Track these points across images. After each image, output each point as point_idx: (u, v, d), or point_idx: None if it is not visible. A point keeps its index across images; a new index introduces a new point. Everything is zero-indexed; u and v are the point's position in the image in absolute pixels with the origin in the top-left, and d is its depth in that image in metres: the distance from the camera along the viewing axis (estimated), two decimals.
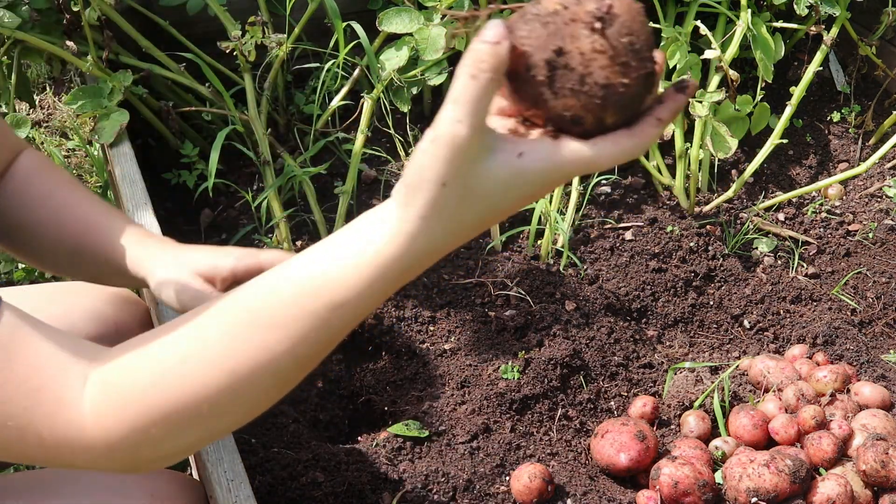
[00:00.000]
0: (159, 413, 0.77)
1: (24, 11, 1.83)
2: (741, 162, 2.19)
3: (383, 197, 2.01)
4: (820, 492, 1.40)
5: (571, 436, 1.58)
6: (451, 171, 0.69)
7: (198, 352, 0.76)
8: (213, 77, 1.91)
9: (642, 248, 1.92)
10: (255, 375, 0.76)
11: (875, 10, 2.31)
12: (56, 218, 1.21)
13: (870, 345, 1.81)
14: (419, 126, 2.16)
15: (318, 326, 0.74)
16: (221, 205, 2.00)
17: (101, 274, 1.24)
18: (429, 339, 1.73)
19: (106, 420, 0.78)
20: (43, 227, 1.21)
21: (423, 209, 0.69)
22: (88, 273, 1.25)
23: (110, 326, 1.37)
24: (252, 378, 0.76)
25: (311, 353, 0.76)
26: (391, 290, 0.74)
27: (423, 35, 1.86)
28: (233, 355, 0.75)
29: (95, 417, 0.78)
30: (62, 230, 1.21)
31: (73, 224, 1.22)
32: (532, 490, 1.41)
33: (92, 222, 1.22)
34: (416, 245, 0.71)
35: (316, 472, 1.42)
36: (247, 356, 0.75)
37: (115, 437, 0.78)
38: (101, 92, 1.83)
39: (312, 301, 0.73)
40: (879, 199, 2.14)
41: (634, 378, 1.71)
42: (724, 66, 1.95)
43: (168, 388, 0.77)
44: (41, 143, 2.61)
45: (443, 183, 0.69)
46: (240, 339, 0.75)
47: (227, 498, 1.12)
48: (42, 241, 1.22)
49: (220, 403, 0.77)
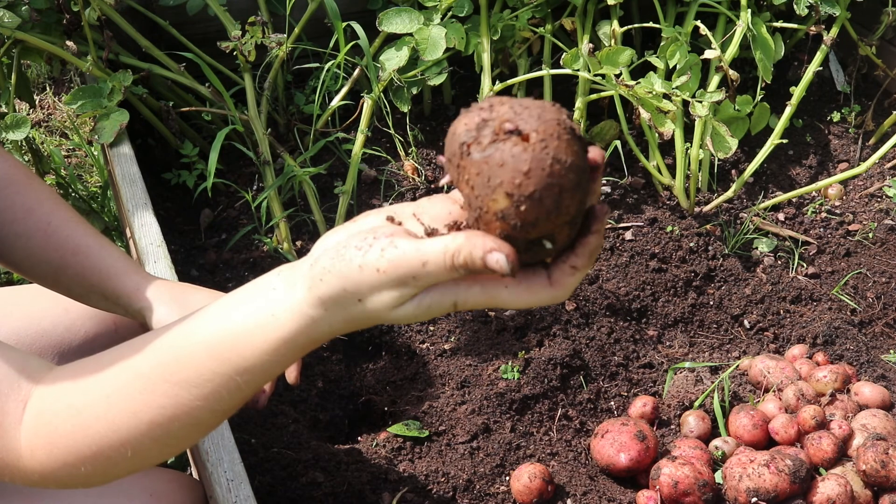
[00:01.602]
0: (86, 453, 0.81)
1: (24, 11, 1.83)
2: (741, 162, 2.19)
3: (383, 197, 2.01)
4: (820, 492, 1.40)
5: (571, 436, 1.58)
6: (369, 293, 0.70)
7: (121, 400, 0.80)
8: (213, 77, 1.91)
9: (642, 248, 1.92)
10: (173, 425, 0.79)
11: (875, 10, 2.31)
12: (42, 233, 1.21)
13: (870, 345, 1.81)
14: (419, 126, 2.16)
15: (230, 387, 0.77)
16: (221, 205, 2.00)
17: (88, 296, 1.24)
18: (429, 339, 1.73)
19: (38, 454, 0.82)
20: (25, 240, 1.21)
21: (328, 301, 0.71)
22: (74, 293, 1.25)
23: (109, 325, 1.37)
24: (171, 427, 0.79)
25: (226, 407, 0.79)
26: (298, 356, 0.76)
27: (422, 35, 1.86)
28: (152, 406, 0.79)
29: (29, 450, 0.82)
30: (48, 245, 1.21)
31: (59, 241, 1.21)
32: (532, 490, 1.41)
33: (81, 244, 1.22)
34: (316, 328, 0.73)
35: (316, 472, 1.42)
36: (163, 409, 0.79)
37: (47, 471, 0.82)
38: (101, 92, 1.83)
39: (221, 365, 0.76)
40: (879, 199, 2.14)
41: (634, 378, 1.71)
42: (724, 66, 1.95)
43: (94, 432, 0.80)
44: (41, 143, 2.61)
45: (358, 299, 0.70)
46: (157, 392, 0.78)
47: (227, 498, 1.12)
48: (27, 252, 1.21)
49: (144, 447, 0.80)
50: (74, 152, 2.66)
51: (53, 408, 0.82)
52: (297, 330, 0.73)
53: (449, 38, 1.87)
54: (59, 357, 1.33)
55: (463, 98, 2.28)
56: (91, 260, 1.21)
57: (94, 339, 1.36)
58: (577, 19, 2.08)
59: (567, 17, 2.09)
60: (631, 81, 1.78)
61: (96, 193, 2.38)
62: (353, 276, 0.69)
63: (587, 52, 1.73)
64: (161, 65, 1.98)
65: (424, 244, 0.68)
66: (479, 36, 1.96)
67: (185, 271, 1.80)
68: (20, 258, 1.22)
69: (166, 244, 1.51)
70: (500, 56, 2.12)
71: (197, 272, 1.83)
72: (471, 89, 2.26)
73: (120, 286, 1.21)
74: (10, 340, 1.31)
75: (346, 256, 0.69)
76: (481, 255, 0.65)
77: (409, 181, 2.05)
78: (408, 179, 2.05)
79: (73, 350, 1.34)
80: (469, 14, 1.99)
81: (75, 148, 2.64)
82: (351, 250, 0.69)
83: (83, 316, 1.36)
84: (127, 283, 1.21)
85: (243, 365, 0.75)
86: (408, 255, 0.67)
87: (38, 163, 2.11)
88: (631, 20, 2.22)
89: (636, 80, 1.78)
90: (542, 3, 2.06)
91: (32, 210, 1.22)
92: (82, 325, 1.36)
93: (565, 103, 2.12)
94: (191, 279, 1.78)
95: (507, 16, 2.02)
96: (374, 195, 2.02)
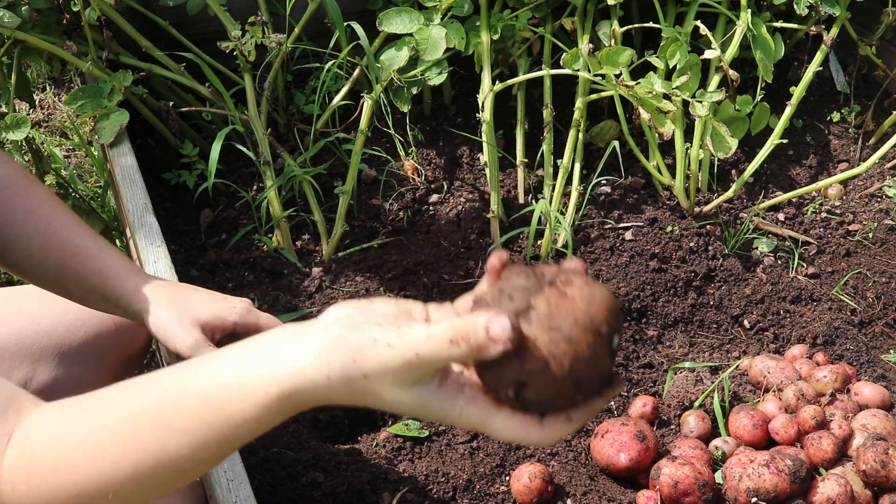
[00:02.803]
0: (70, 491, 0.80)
1: (24, 11, 1.83)
2: (741, 162, 2.19)
3: (383, 197, 2.01)
4: (820, 492, 1.40)
5: (571, 436, 1.58)
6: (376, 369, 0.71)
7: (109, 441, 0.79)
8: (213, 77, 1.91)
9: (642, 248, 1.92)
10: (156, 470, 0.79)
11: (875, 10, 2.31)
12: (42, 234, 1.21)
13: (870, 345, 1.81)
14: (419, 126, 2.16)
15: (218, 439, 0.77)
16: (221, 205, 2.00)
17: (88, 297, 1.24)
18: None
19: (20, 488, 0.81)
20: (25, 241, 1.21)
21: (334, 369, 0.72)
22: (74, 294, 1.25)
23: (109, 326, 1.37)
24: (154, 472, 0.79)
25: (211, 458, 0.79)
26: (290, 415, 0.77)
27: (422, 35, 1.86)
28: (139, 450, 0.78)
29: (10, 484, 0.81)
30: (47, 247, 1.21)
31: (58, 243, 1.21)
32: (532, 490, 1.41)
33: (80, 245, 1.22)
34: (316, 394, 0.73)
35: (316, 472, 1.42)
36: (149, 453, 0.78)
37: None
38: (101, 92, 1.83)
39: (213, 416, 0.76)
40: (879, 199, 2.14)
41: (634, 378, 1.71)
42: (724, 66, 1.95)
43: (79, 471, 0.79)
44: (41, 143, 2.61)
45: (363, 375, 0.71)
46: (146, 436, 0.78)
47: (227, 498, 1.12)
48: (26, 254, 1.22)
49: (125, 489, 0.79)
50: (74, 152, 2.66)
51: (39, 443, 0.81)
52: (297, 391, 0.73)
53: (449, 38, 1.87)
54: (59, 357, 1.33)
55: (463, 98, 2.28)
56: (90, 261, 1.21)
57: (94, 340, 1.36)
58: (577, 19, 2.08)
59: (567, 17, 2.09)
60: (631, 81, 1.78)
61: (96, 193, 2.39)
62: (366, 349, 0.71)
63: (587, 52, 1.73)
64: (161, 65, 1.98)
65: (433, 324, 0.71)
66: (479, 36, 1.96)
67: (185, 271, 1.80)
68: (20, 259, 1.22)
69: (166, 244, 1.51)
70: (500, 56, 2.12)
71: (197, 272, 1.83)
72: (471, 89, 2.26)
73: (119, 287, 1.21)
74: (10, 342, 1.31)
75: (363, 329, 0.71)
76: (484, 323, 0.68)
77: (409, 181, 2.05)
78: (408, 179, 2.05)
79: (74, 350, 1.34)
80: (469, 14, 1.99)
81: (75, 148, 2.64)
82: (372, 326, 0.71)
83: (83, 317, 1.36)
84: (126, 284, 1.21)
85: (236, 418, 0.75)
86: (417, 332, 0.70)
87: (38, 163, 2.11)
88: (631, 20, 2.22)
89: (636, 80, 1.78)
90: (542, 3, 2.06)
91: (32, 212, 1.21)
92: (82, 325, 1.36)
93: (565, 103, 2.13)
94: (191, 279, 1.78)
95: (507, 16, 2.02)
96: (374, 195, 2.02)
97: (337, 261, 1.84)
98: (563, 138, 2.03)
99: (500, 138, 2.16)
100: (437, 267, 1.85)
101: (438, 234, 1.94)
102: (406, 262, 1.85)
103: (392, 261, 1.85)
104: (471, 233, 1.94)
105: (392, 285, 1.80)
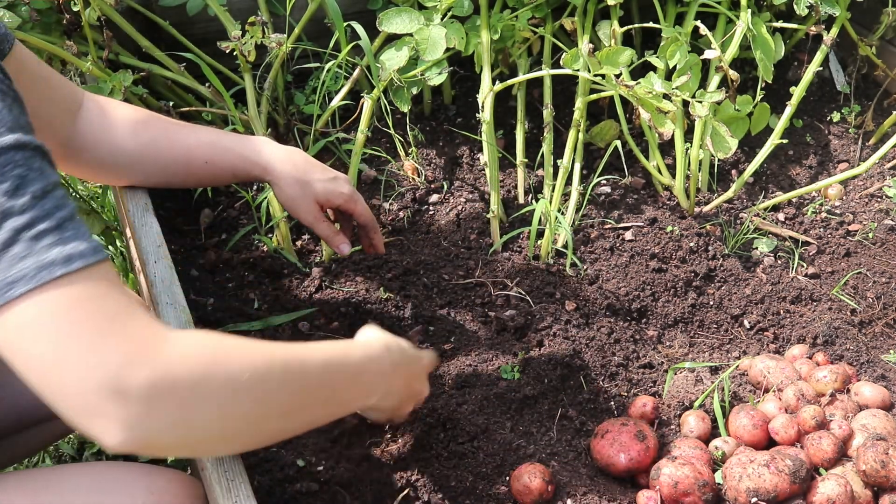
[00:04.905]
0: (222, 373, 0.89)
1: (24, 11, 1.83)
2: (741, 162, 2.19)
3: (383, 197, 2.01)
4: (820, 492, 1.40)
5: (571, 436, 1.58)
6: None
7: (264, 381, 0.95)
8: (213, 77, 1.91)
9: (642, 249, 1.92)
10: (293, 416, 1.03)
11: (875, 10, 2.31)
12: (185, 158, 1.46)
13: (870, 345, 1.81)
14: (419, 126, 2.16)
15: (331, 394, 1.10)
16: (221, 205, 2.00)
17: (218, 182, 1.56)
18: (429, 339, 1.73)
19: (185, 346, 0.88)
20: (174, 168, 1.47)
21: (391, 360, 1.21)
22: (204, 183, 1.58)
23: None
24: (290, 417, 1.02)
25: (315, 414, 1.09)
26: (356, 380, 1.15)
27: (423, 35, 1.86)
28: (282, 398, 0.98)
29: (179, 340, 0.88)
30: (189, 166, 1.47)
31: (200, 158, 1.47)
32: (532, 490, 1.41)
33: (209, 153, 1.47)
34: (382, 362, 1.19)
35: (316, 473, 1.42)
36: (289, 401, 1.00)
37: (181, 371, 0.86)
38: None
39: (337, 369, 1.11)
40: (879, 199, 2.14)
41: (634, 378, 1.71)
42: (724, 66, 1.95)
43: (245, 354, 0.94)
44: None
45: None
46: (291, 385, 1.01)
47: (227, 498, 1.12)
48: (173, 177, 1.49)
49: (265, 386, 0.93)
50: None
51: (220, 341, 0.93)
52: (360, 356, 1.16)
53: (449, 38, 1.87)
54: None
55: (463, 98, 2.28)
56: (222, 161, 1.47)
57: None
58: (577, 19, 2.08)
59: (567, 17, 2.09)
60: (631, 81, 1.78)
61: (96, 193, 2.39)
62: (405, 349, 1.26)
63: (587, 53, 1.73)
64: (161, 65, 1.98)
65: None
66: (478, 36, 1.96)
67: (185, 271, 1.80)
68: (163, 182, 1.52)
69: (166, 244, 1.50)
70: (500, 56, 2.12)
71: (197, 272, 1.83)
72: (471, 89, 2.26)
73: (249, 168, 1.48)
74: None
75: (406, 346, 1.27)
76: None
77: (409, 181, 2.05)
78: (408, 179, 2.05)
79: None
80: (469, 14, 1.99)
81: None
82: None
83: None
84: (254, 168, 1.48)
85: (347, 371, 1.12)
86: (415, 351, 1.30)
87: None
88: (631, 20, 2.22)
89: (636, 80, 1.78)
90: (542, 3, 2.06)
91: (173, 134, 1.47)
92: None
93: (565, 103, 2.13)
94: (191, 279, 1.78)
95: (507, 16, 2.02)
96: (375, 195, 2.02)
97: (337, 261, 1.84)
98: (563, 138, 2.03)
99: (500, 138, 2.16)
100: (437, 267, 1.85)
101: (438, 234, 1.95)
102: (406, 262, 1.85)
103: (392, 261, 1.85)
104: (471, 233, 1.94)
105: (392, 285, 1.80)
